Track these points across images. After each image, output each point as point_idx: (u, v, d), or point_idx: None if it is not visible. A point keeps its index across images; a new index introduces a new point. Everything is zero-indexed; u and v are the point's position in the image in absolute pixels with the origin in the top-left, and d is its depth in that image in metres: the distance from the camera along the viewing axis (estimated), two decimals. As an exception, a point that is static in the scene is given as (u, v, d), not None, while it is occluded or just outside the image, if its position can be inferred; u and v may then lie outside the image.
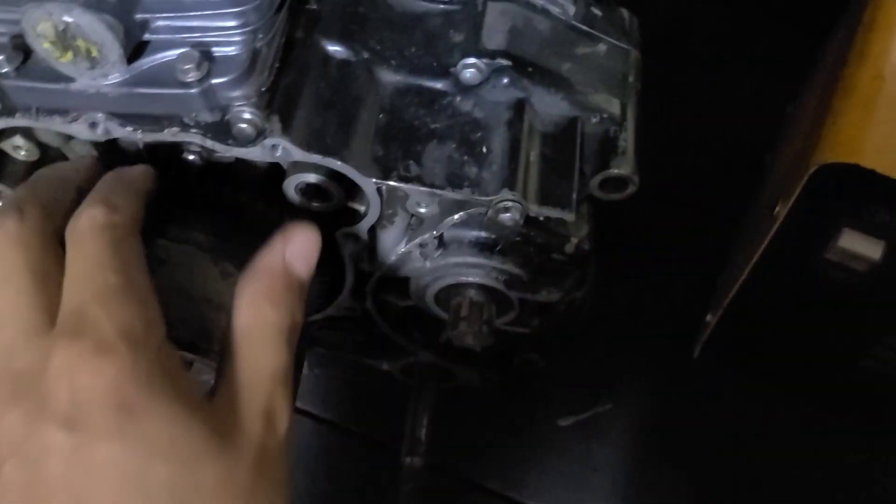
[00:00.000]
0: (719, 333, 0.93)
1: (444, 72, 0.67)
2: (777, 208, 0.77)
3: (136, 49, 0.57)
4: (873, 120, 0.69)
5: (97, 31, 0.53)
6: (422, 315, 0.85)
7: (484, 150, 0.65)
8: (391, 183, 0.62)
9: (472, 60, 0.66)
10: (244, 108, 0.59)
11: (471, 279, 0.74)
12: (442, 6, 0.70)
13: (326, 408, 0.96)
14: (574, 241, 0.72)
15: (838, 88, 0.75)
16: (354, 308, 0.81)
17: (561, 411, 0.97)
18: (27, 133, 0.65)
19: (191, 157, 0.63)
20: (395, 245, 0.71)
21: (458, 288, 0.75)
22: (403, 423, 0.87)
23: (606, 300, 0.97)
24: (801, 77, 1.07)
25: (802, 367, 0.94)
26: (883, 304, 0.79)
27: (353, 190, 0.66)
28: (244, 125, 0.59)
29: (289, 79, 0.62)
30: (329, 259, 0.74)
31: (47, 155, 0.70)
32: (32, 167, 0.71)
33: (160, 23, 0.57)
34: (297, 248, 0.58)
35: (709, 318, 0.94)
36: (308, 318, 0.81)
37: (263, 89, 0.60)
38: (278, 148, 0.60)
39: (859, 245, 0.73)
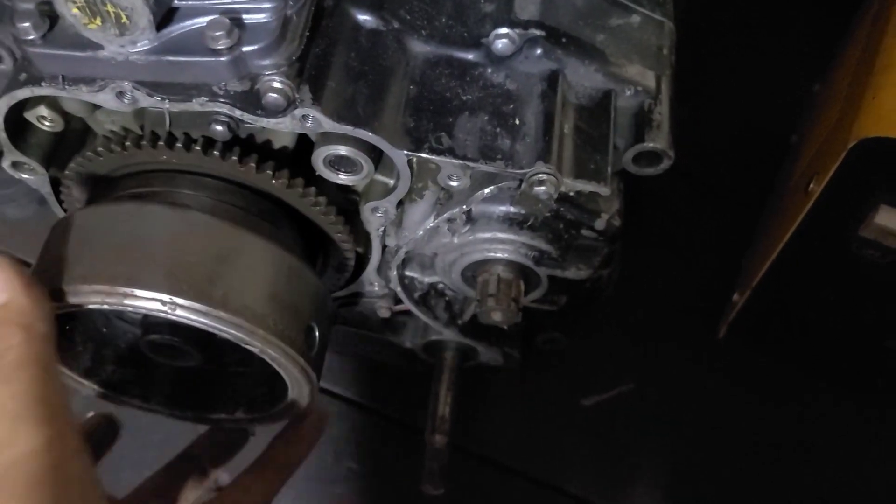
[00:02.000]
0: (747, 313, 0.92)
1: (476, 42, 0.66)
2: (811, 185, 0.75)
3: (165, 16, 0.56)
4: (914, 95, 0.68)
5: (127, -5, 0.52)
6: (446, 292, 0.84)
7: (517, 122, 0.64)
8: (423, 155, 0.61)
9: (504, 30, 0.64)
10: (274, 77, 0.58)
11: (499, 255, 0.73)
12: (473, -25, 0.68)
13: (352, 389, 0.95)
14: (605, 216, 0.71)
15: (877, 63, 0.73)
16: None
17: (584, 391, 0.96)
18: (53, 103, 0.64)
19: (218, 129, 0.62)
20: (423, 219, 0.69)
21: (486, 264, 0.74)
22: (427, 402, 0.87)
23: (629, 279, 0.96)
24: (828, 56, 1.05)
25: (828, 347, 0.93)
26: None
27: (381, 162, 0.65)
28: (274, 95, 0.58)
29: (319, 48, 0.61)
30: (356, 234, 0.73)
31: (71, 126, 0.69)
32: (57, 138, 0.70)
33: (190, -11, 0.56)
34: None
35: (735, 297, 0.93)
36: (333, 295, 0.81)
37: (294, 58, 0.58)
38: (308, 118, 0.59)
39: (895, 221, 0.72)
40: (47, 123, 0.66)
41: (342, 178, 0.65)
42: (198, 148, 0.63)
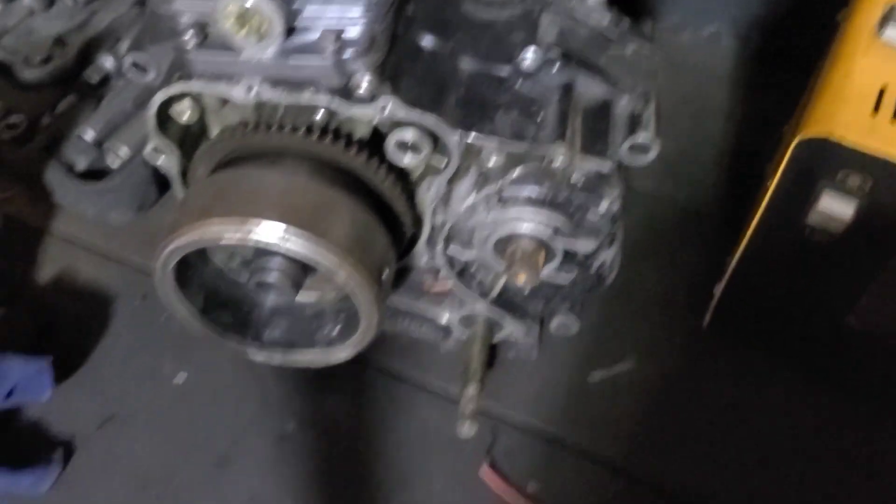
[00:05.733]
0: (724, 303, 1.11)
1: (509, 61, 0.88)
2: (767, 182, 0.95)
3: (289, 29, 0.78)
4: (842, 106, 0.89)
5: (270, 11, 0.74)
6: (478, 273, 1.04)
7: (539, 119, 0.85)
8: (470, 135, 0.82)
9: (531, 51, 0.86)
10: (365, 76, 0.79)
11: (524, 230, 0.93)
12: (507, 15, 0.91)
13: (393, 360, 1.13)
14: (607, 201, 0.91)
15: (816, 87, 0.94)
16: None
17: (591, 368, 1.15)
18: (196, 98, 0.86)
19: (318, 117, 0.84)
20: (465, 196, 0.90)
21: (513, 237, 0.94)
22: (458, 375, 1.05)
23: (633, 280, 1.15)
24: (794, 104, 1.27)
25: (796, 330, 1.10)
26: (857, 261, 0.97)
27: (436, 148, 0.86)
28: (364, 87, 0.79)
29: (394, 59, 0.83)
30: (413, 211, 0.93)
31: (193, 127, 0.91)
32: (186, 130, 0.91)
33: (307, 12, 0.78)
34: None
35: (715, 289, 1.12)
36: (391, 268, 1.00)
37: (378, 64, 0.80)
38: (387, 107, 0.81)
39: (835, 207, 0.91)
40: (185, 117, 0.88)
41: (407, 159, 0.86)
42: (302, 132, 0.84)
